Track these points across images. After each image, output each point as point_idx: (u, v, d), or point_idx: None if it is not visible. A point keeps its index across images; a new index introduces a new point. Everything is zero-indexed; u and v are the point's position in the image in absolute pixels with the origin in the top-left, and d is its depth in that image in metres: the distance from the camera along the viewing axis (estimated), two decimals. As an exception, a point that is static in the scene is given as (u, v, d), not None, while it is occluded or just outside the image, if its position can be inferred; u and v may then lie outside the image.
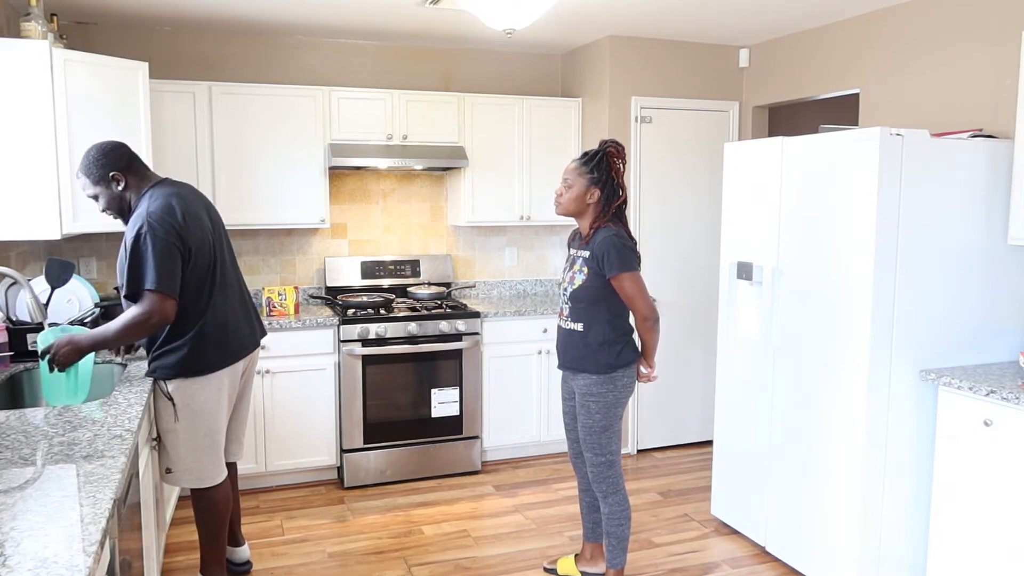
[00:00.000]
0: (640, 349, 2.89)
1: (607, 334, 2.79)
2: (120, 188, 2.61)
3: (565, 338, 2.89)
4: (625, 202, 2.83)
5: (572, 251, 2.94)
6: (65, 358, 2.46)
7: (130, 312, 2.48)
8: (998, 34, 3.13)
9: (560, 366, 2.96)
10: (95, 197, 2.63)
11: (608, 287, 2.75)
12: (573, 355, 2.86)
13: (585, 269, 2.79)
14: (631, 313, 2.82)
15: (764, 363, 3.32)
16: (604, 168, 2.76)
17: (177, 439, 2.68)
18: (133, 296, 2.50)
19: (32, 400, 2.87)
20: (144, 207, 2.56)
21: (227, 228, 4.09)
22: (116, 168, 2.60)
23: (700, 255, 4.65)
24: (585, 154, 2.82)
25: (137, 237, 2.47)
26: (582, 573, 3.13)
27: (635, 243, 2.81)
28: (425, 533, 3.56)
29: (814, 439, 3.06)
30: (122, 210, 2.65)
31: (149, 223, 2.49)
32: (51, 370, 2.46)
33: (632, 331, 2.86)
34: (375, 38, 4.50)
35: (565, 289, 2.88)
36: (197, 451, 2.71)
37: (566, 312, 2.87)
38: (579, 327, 2.82)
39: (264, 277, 4.50)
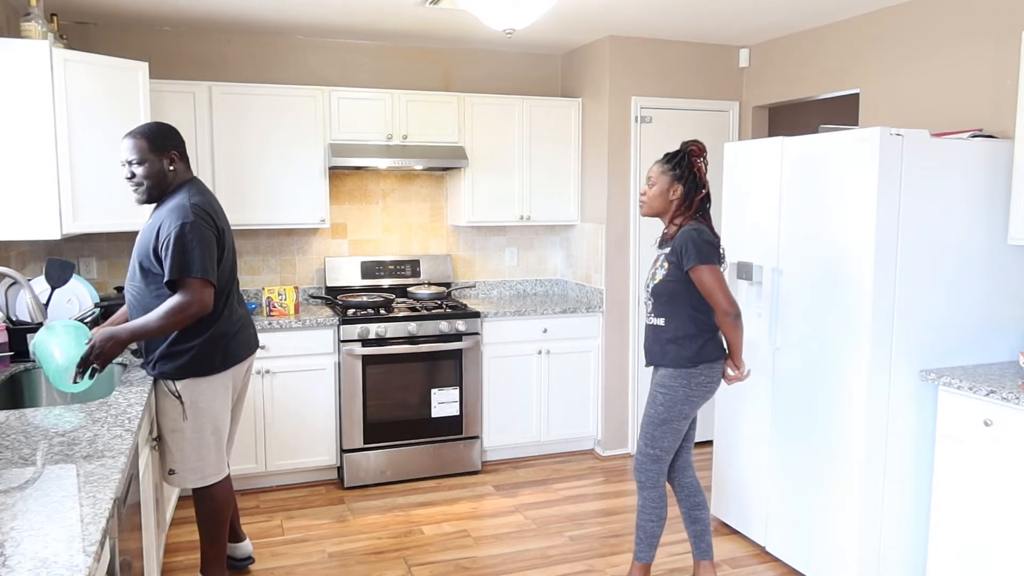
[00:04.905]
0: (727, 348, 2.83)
1: (688, 328, 2.76)
2: (170, 167, 2.66)
3: (649, 334, 2.89)
4: (708, 198, 2.81)
5: (657, 251, 2.91)
6: (111, 352, 2.47)
7: (170, 302, 2.51)
8: (998, 34, 3.13)
9: (646, 363, 2.94)
10: (139, 162, 2.61)
11: (687, 281, 2.73)
12: (655, 350, 2.85)
13: (666, 264, 2.78)
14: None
15: (764, 363, 3.32)
16: (686, 165, 2.77)
17: (183, 438, 2.68)
18: (172, 285, 2.53)
19: (32, 400, 2.87)
20: (185, 199, 2.60)
21: (227, 228, 4.14)
22: (176, 149, 2.68)
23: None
24: (667, 154, 2.84)
25: (183, 226, 2.52)
26: None
27: (718, 240, 2.77)
28: (425, 533, 3.56)
29: (814, 439, 3.06)
30: (155, 187, 2.65)
31: (196, 215, 2.56)
32: (86, 369, 2.44)
33: (717, 327, 2.80)
34: (375, 38, 4.50)
35: (647, 285, 2.88)
36: (203, 449, 2.72)
37: (649, 308, 2.88)
38: (661, 322, 2.82)
39: (264, 277, 4.50)
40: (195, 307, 2.52)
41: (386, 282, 4.61)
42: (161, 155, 2.64)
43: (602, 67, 4.47)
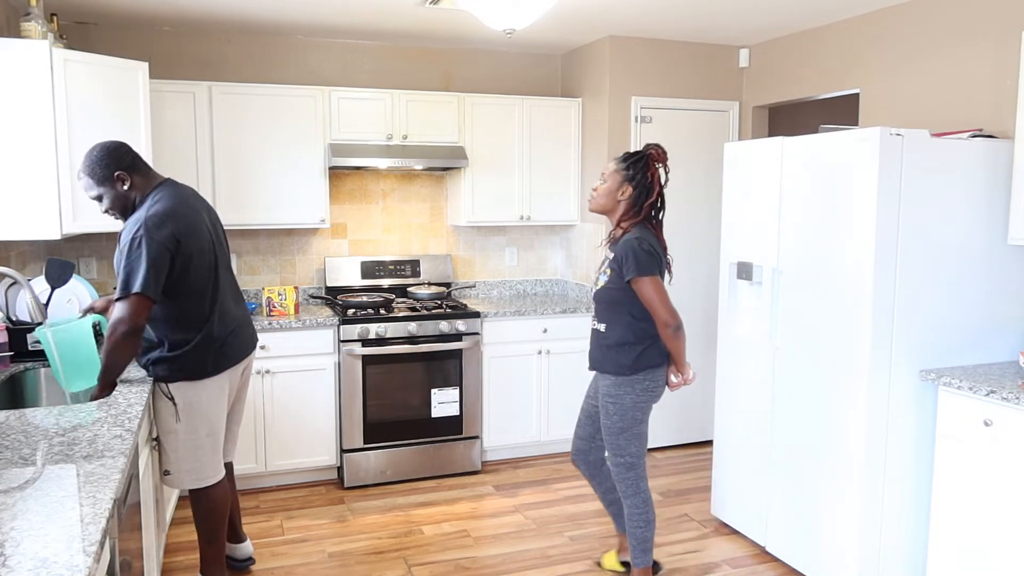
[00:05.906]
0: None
1: (626, 335, 2.77)
2: (125, 188, 2.59)
3: (592, 338, 2.90)
4: (661, 205, 2.79)
5: (605, 252, 2.92)
6: (101, 392, 2.48)
7: (106, 334, 2.48)
8: (998, 34, 3.13)
9: (588, 367, 2.96)
10: (99, 198, 2.62)
11: (628, 290, 2.73)
12: (597, 356, 2.87)
13: (608, 271, 2.79)
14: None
15: (764, 363, 3.32)
16: (641, 168, 2.75)
17: (178, 440, 2.68)
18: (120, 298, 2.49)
19: (32, 400, 2.87)
20: (143, 210, 2.55)
21: (227, 228, 4.11)
22: (121, 167, 2.58)
23: (700, 255, 4.65)
24: (626, 153, 2.82)
25: (131, 241, 2.47)
26: (622, 564, 3.13)
27: (664, 250, 2.77)
28: (425, 533, 3.56)
29: (814, 439, 3.06)
30: (126, 210, 2.63)
31: (147, 227, 2.48)
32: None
33: (657, 335, 2.80)
34: (375, 38, 4.50)
35: (592, 290, 2.89)
36: (198, 451, 2.71)
37: (593, 312, 2.89)
38: (602, 327, 2.83)
39: (264, 277, 4.50)
40: (122, 326, 2.42)
41: (386, 282, 4.61)
42: (111, 182, 2.57)
43: (602, 67, 4.47)
